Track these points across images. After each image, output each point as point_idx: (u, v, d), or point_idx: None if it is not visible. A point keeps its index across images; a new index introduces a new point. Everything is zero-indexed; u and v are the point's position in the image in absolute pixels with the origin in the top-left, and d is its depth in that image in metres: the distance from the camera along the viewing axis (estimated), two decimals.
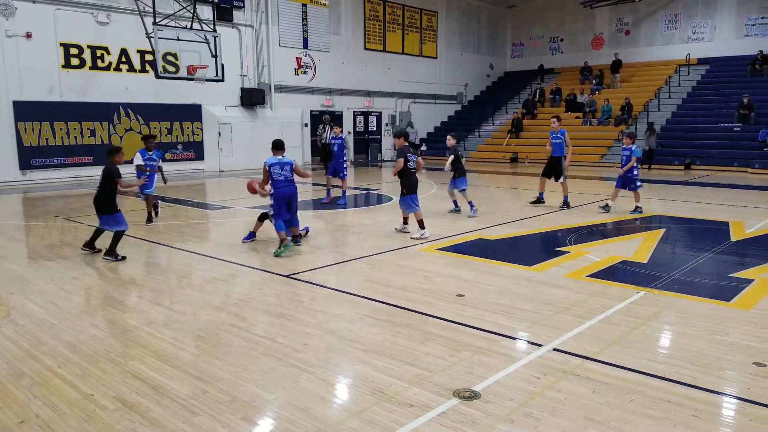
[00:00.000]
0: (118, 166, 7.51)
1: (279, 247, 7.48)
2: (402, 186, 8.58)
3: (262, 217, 8.32)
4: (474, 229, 9.20)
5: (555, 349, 4.34)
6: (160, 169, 10.17)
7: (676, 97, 23.29)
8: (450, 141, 10.60)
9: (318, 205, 12.08)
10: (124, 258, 7.31)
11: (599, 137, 22.21)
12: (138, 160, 9.90)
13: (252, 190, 8.00)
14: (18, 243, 8.76)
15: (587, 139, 21.95)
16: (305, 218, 9.46)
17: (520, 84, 29.60)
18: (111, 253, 7.30)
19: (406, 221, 8.89)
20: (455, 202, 10.76)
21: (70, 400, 3.59)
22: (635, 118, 22.45)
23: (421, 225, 8.52)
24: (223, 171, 19.72)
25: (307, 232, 8.55)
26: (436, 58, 27.65)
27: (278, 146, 7.75)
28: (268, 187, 7.75)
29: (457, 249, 7.92)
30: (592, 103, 23.97)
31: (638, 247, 7.84)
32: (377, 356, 4.23)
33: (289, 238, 7.73)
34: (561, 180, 11.11)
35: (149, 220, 9.84)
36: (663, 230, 9.22)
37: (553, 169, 11.20)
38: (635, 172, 10.70)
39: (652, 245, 8.01)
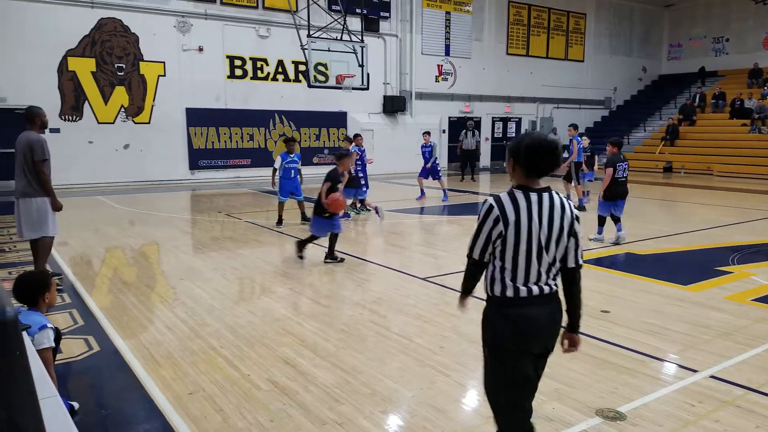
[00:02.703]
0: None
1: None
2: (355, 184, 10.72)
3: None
4: (621, 242, 8.67)
5: (712, 377, 3.98)
6: (299, 172, 10.13)
7: None
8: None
9: (448, 210, 12.17)
10: (342, 260, 7.53)
11: None
12: (278, 163, 9.92)
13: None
14: (187, 235, 9.86)
15: (755, 148, 19.70)
16: (438, 223, 9.56)
17: (677, 88, 27.25)
18: (330, 254, 7.50)
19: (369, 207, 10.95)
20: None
21: (231, 378, 4.00)
22: None
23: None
24: None
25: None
26: (582, 61, 26.41)
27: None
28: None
29: (601, 262, 7.53)
30: (762, 109, 21.38)
31: None
32: None
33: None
34: (573, 183, 12.65)
35: (304, 219, 9.87)
36: None
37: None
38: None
39: None
